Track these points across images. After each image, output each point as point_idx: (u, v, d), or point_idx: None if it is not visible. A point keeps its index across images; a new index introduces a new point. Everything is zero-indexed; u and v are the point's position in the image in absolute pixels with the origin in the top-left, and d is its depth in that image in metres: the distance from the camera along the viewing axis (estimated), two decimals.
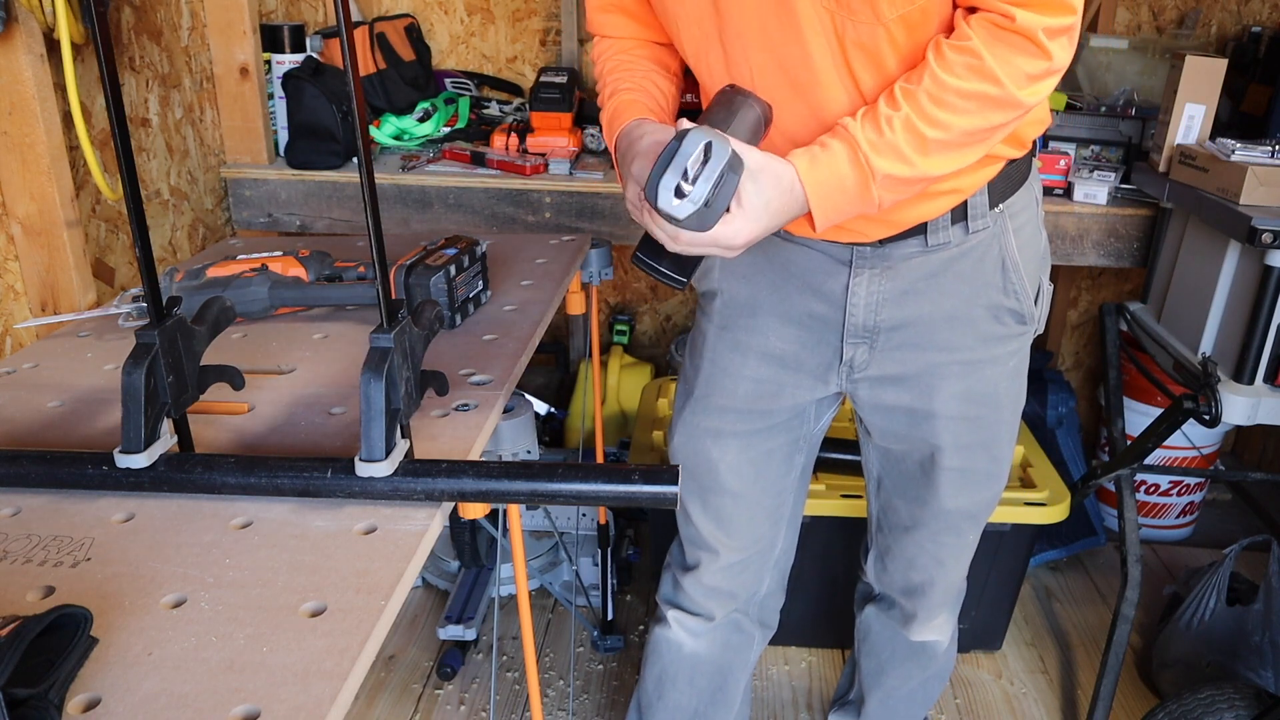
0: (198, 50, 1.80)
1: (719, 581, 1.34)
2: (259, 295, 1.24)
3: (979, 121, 0.91)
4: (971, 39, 0.88)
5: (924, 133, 0.90)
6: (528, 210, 1.91)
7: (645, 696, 1.44)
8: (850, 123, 0.93)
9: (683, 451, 1.27)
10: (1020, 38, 0.87)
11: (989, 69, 0.88)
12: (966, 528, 1.30)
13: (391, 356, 0.79)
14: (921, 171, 0.92)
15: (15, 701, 0.58)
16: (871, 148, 0.91)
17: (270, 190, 1.93)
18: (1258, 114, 2.08)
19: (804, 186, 0.92)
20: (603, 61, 1.15)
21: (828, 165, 0.92)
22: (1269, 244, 1.43)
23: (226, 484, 0.82)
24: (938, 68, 0.90)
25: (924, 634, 1.44)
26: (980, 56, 0.88)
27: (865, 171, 0.91)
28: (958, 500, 1.24)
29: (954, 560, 1.34)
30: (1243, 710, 1.50)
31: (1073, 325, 2.75)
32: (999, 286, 1.12)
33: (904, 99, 0.91)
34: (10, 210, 1.35)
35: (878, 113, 0.92)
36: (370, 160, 0.75)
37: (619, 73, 1.12)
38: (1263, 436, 2.70)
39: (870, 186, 0.92)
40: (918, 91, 0.90)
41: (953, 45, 0.90)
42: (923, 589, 1.37)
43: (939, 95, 0.90)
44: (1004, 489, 1.30)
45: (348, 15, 0.70)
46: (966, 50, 0.89)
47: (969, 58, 0.89)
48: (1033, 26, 0.86)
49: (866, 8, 0.90)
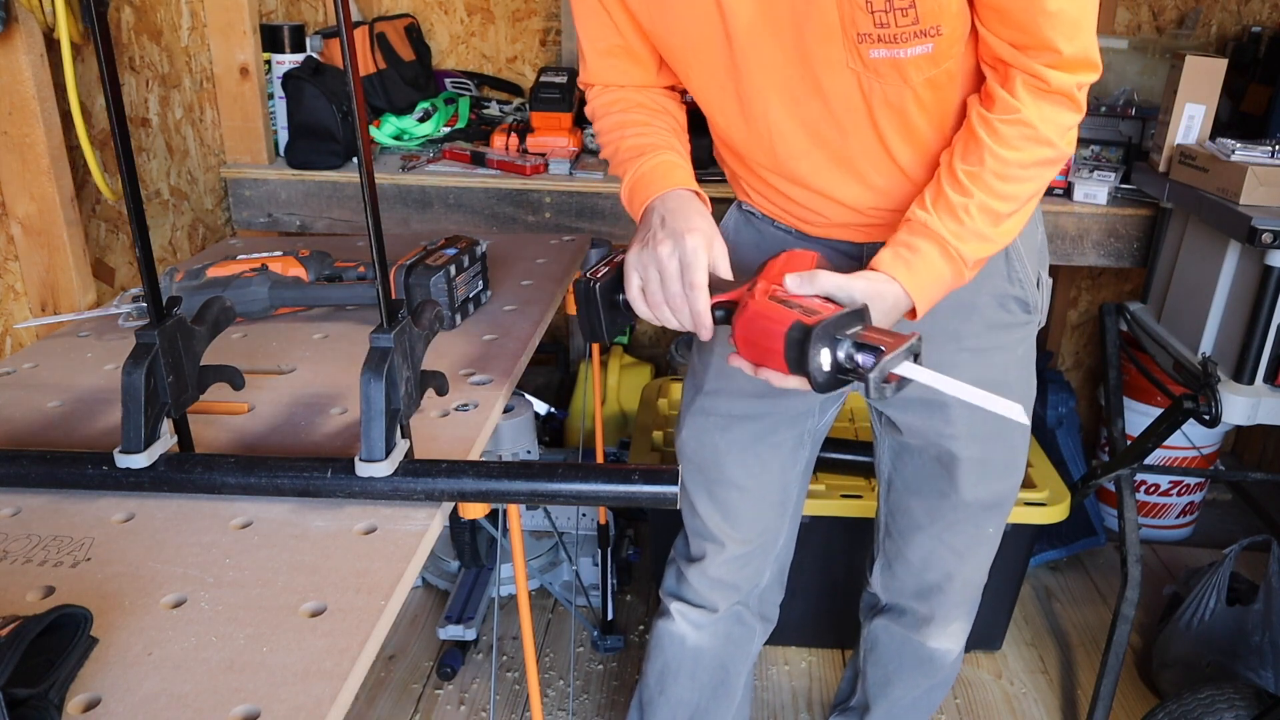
0: (198, 50, 1.80)
1: (723, 573, 1.34)
2: (259, 295, 1.24)
3: (1039, 184, 0.97)
4: (1020, 110, 0.92)
5: (998, 210, 0.94)
6: (528, 210, 1.91)
7: (647, 692, 1.44)
8: (928, 219, 0.95)
9: (691, 444, 1.28)
10: (1059, 95, 0.92)
11: (1043, 135, 0.93)
12: (985, 519, 1.30)
13: (391, 356, 0.79)
14: (1001, 243, 0.97)
15: (15, 701, 0.58)
16: (957, 239, 0.94)
17: (270, 190, 1.93)
18: (1258, 114, 2.08)
19: (910, 295, 0.94)
20: (612, 109, 1.10)
21: (924, 269, 0.94)
22: (1269, 244, 1.43)
23: (226, 484, 0.82)
24: (996, 145, 0.93)
25: (939, 640, 1.42)
26: (1033, 126, 0.92)
27: (959, 263, 0.95)
28: (977, 491, 1.25)
29: (972, 553, 1.33)
30: (1243, 710, 1.50)
31: (1073, 325, 2.75)
32: (1004, 275, 1.14)
33: (971, 183, 0.94)
34: (10, 210, 1.35)
35: (951, 202, 0.95)
36: (370, 160, 0.75)
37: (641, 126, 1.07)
38: (1263, 436, 2.70)
39: (964, 273, 0.96)
40: (983, 174, 0.94)
41: (1003, 120, 0.93)
42: (940, 587, 1.36)
43: (1004, 172, 0.93)
44: (1021, 482, 1.31)
45: (348, 15, 0.70)
46: (1019, 122, 0.92)
47: (1022, 128, 0.92)
48: (1068, 85, 0.91)
49: (894, 72, 0.93)
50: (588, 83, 1.13)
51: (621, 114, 1.09)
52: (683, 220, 0.95)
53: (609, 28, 1.05)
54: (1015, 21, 0.89)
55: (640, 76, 1.10)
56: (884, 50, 0.92)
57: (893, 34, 0.90)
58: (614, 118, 1.10)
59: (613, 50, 1.07)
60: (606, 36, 1.06)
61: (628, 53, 1.07)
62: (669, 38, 1.02)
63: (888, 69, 0.93)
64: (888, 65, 0.93)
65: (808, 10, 0.91)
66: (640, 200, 1.02)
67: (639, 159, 1.04)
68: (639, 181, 1.03)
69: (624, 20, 1.04)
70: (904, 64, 0.93)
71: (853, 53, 0.93)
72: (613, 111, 1.10)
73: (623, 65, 1.09)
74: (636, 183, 1.03)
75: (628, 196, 1.05)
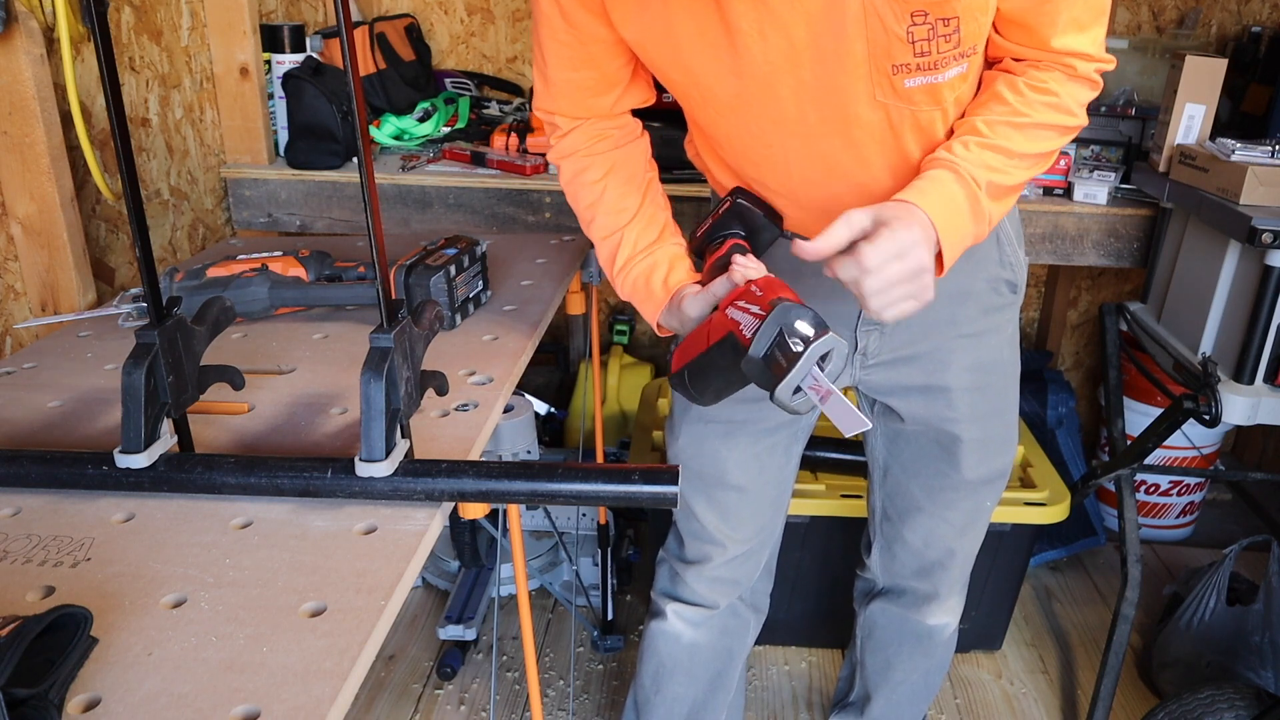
0: (198, 50, 1.80)
1: (725, 573, 1.35)
2: (259, 295, 1.24)
3: (1052, 147, 0.98)
4: (1049, 83, 0.94)
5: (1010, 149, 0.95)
6: (528, 210, 1.91)
7: (642, 692, 1.44)
8: (937, 154, 0.95)
9: (688, 450, 1.28)
10: (1083, 79, 0.96)
11: (1064, 105, 0.95)
12: (985, 493, 1.32)
13: (391, 356, 0.78)
14: (1010, 183, 0.96)
15: (15, 701, 0.58)
16: (969, 164, 0.92)
17: (270, 190, 1.93)
18: (1258, 114, 2.08)
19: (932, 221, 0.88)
20: (587, 184, 1.08)
21: (938, 193, 0.90)
22: (1269, 244, 1.43)
23: (226, 484, 0.82)
24: (1019, 104, 0.94)
25: (939, 616, 1.45)
26: (1058, 95, 0.95)
27: (971, 187, 0.92)
28: (978, 470, 1.27)
29: (973, 528, 1.35)
30: (1243, 710, 1.50)
31: (1073, 325, 2.75)
32: (996, 259, 1.16)
33: (988, 129, 0.95)
34: (10, 210, 1.35)
35: (964, 139, 0.94)
36: (370, 160, 0.75)
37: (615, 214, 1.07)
38: (1263, 436, 2.70)
39: (979, 200, 0.92)
40: (1000, 124, 0.95)
41: (1033, 86, 0.94)
42: (942, 564, 1.38)
43: (1021, 124, 0.95)
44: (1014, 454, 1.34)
45: (348, 15, 0.70)
46: (1045, 90, 0.94)
47: (1048, 96, 0.95)
48: (1089, 71, 0.96)
49: (928, 97, 0.93)
50: (545, 109, 1.09)
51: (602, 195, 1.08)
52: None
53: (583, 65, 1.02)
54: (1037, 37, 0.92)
55: (604, 107, 1.07)
56: (921, 78, 0.91)
57: (932, 61, 0.89)
58: (588, 194, 1.09)
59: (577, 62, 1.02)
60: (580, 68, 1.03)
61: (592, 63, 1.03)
62: (679, 75, 0.99)
63: (922, 95, 0.92)
64: (923, 92, 0.92)
65: (834, 47, 0.89)
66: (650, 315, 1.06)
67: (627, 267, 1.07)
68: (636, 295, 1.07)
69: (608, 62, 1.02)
70: (939, 88, 0.92)
71: (883, 85, 0.91)
72: (585, 185, 1.09)
73: (586, 79, 1.04)
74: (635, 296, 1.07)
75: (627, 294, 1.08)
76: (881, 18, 0.86)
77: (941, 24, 0.86)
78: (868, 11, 0.86)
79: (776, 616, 1.82)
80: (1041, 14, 0.91)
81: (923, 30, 0.87)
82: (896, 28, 0.86)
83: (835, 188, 1.02)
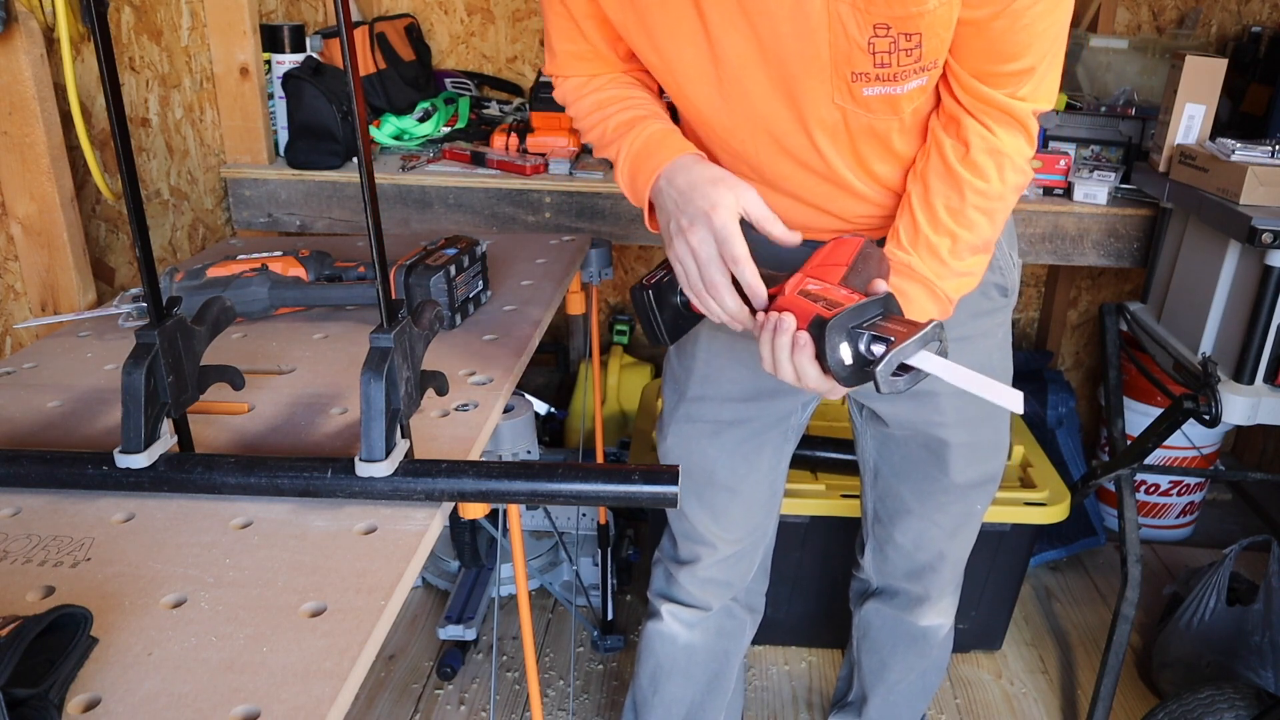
0: (198, 50, 1.80)
1: (716, 573, 1.35)
2: (259, 295, 1.24)
3: (1013, 203, 1.00)
4: (995, 139, 0.94)
5: (977, 242, 0.99)
6: (528, 210, 1.91)
7: (640, 693, 1.44)
8: (910, 260, 0.98)
9: (676, 451, 1.28)
10: (1019, 126, 0.95)
11: (1017, 163, 0.96)
12: (975, 497, 1.31)
13: (391, 356, 0.78)
14: (979, 275, 1.02)
15: (15, 701, 0.58)
16: (940, 278, 0.98)
17: (270, 190, 1.93)
18: (1258, 114, 2.08)
19: None
20: (584, 90, 1.08)
21: (914, 312, 0.97)
22: (1269, 244, 1.43)
23: (226, 484, 0.82)
24: (976, 179, 0.95)
25: (931, 617, 1.45)
26: (1008, 154, 0.95)
27: (944, 302, 0.99)
28: (967, 474, 1.27)
29: (963, 531, 1.35)
30: (1243, 710, 1.50)
31: (1073, 325, 2.75)
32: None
33: (954, 221, 0.97)
34: (10, 210, 1.35)
35: (933, 244, 0.97)
36: (370, 160, 0.75)
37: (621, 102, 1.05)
38: (1263, 436, 2.70)
39: (948, 309, 1.01)
40: (966, 210, 0.96)
41: (984, 150, 0.94)
42: (932, 566, 1.38)
43: (987, 206, 0.97)
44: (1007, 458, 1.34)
45: (348, 15, 0.70)
46: (995, 151, 0.94)
47: (999, 157, 0.95)
48: (1025, 113, 0.94)
49: (886, 107, 0.93)
50: (555, 73, 1.11)
51: (596, 94, 1.07)
52: (701, 196, 0.91)
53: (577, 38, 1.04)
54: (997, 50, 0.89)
55: (609, 70, 1.09)
56: (880, 88, 0.91)
57: (892, 73, 0.90)
58: (589, 99, 1.07)
59: (582, 55, 1.06)
60: (575, 40, 1.05)
61: (596, 55, 1.06)
62: (655, 58, 1.00)
63: (880, 105, 0.93)
64: (881, 101, 0.93)
65: (798, 47, 0.90)
66: (644, 182, 0.99)
67: (627, 134, 1.01)
68: (636, 161, 1.00)
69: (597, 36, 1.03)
70: (898, 99, 0.93)
71: (842, 90, 0.92)
72: (585, 95, 1.08)
73: (590, 66, 1.07)
74: (634, 162, 1.00)
75: (629, 180, 1.01)
76: (845, 25, 0.87)
77: (904, 38, 0.87)
78: (832, 18, 0.86)
79: (776, 616, 1.82)
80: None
81: (884, 43, 0.87)
82: (859, 37, 0.87)
83: (805, 180, 1.03)
